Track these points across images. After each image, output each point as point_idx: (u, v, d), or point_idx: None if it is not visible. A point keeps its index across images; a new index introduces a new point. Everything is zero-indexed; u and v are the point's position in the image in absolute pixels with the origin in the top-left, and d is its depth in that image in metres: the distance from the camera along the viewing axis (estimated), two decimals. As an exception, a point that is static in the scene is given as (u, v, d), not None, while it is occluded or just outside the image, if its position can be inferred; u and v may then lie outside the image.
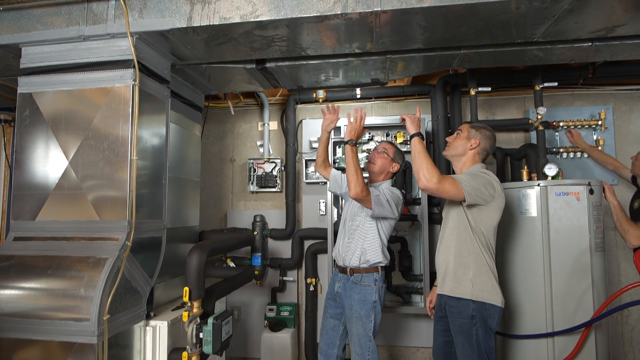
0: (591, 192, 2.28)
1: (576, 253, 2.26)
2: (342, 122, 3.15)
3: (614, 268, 2.93)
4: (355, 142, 2.19)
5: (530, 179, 2.46)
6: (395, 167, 2.40)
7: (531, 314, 2.31)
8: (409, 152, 3.18)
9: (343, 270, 2.32)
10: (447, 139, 2.10)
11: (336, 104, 3.41)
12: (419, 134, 1.99)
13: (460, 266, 1.90)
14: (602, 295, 2.27)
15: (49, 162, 1.94)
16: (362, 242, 2.26)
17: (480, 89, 2.80)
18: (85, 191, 1.89)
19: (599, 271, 2.28)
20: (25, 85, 1.99)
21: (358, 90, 3.25)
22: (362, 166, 2.43)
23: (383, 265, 2.28)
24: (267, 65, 2.34)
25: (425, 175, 1.81)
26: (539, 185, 2.32)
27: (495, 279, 1.88)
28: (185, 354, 1.89)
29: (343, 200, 2.59)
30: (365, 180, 2.46)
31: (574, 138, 2.90)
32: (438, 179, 1.79)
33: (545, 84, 2.71)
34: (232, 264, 3.17)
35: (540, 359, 2.26)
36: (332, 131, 2.50)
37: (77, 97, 1.95)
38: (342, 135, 3.13)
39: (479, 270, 1.86)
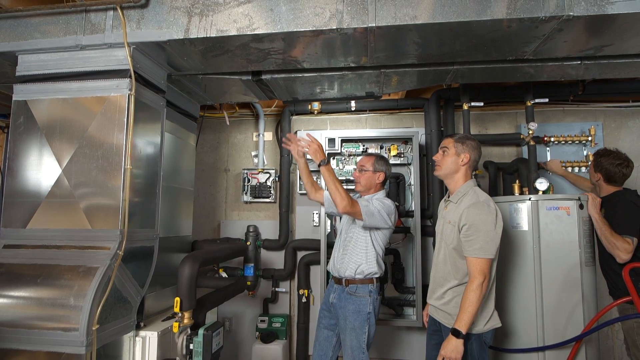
0: (581, 207, 2.30)
1: (566, 267, 2.27)
2: (335, 134, 3.19)
3: (604, 282, 2.95)
4: (326, 161, 2.18)
5: (521, 193, 2.49)
6: (381, 176, 2.38)
7: (522, 328, 2.32)
8: (402, 165, 3.23)
9: (338, 281, 2.32)
10: (434, 158, 2.06)
11: (333, 115, 3.47)
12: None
13: (460, 297, 1.83)
14: (592, 310, 2.29)
15: (42, 169, 1.93)
16: (357, 254, 2.27)
17: (473, 103, 2.85)
18: (78, 199, 1.88)
19: (589, 286, 2.30)
20: (20, 92, 2.00)
21: (353, 103, 3.29)
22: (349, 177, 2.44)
23: (377, 276, 2.28)
24: (263, 77, 2.37)
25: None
26: (530, 199, 2.34)
27: (494, 301, 1.87)
28: (174, 365, 1.87)
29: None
30: (358, 195, 2.47)
31: (548, 167, 2.97)
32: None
33: (537, 100, 2.76)
34: (224, 274, 3.15)
35: (532, 373, 2.26)
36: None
37: (73, 106, 1.95)
38: (335, 148, 3.16)
39: (481, 305, 1.81)
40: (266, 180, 3.42)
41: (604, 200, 2.37)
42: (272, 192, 3.41)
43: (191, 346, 1.88)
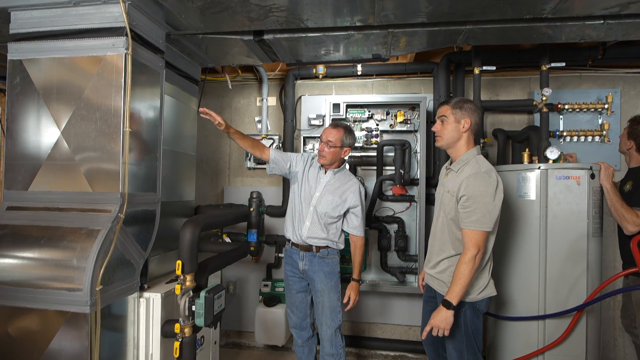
0: (592, 176, 2.24)
1: (573, 238, 2.24)
2: (340, 99, 3.10)
3: (610, 254, 2.92)
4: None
5: (531, 161, 2.42)
6: (347, 151, 2.34)
7: (524, 297, 2.32)
8: (409, 132, 3.15)
9: (307, 248, 2.35)
10: (433, 129, 1.95)
11: (338, 80, 3.36)
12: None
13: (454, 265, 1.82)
14: (596, 281, 2.27)
15: (41, 132, 1.90)
16: (332, 235, 2.33)
17: (484, 67, 2.72)
18: (78, 162, 1.86)
19: (594, 256, 2.27)
20: (15, 51, 1.93)
21: (359, 67, 3.17)
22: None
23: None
24: (265, 37, 2.27)
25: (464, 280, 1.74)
26: (539, 168, 2.28)
27: (490, 272, 1.86)
28: (177, 325, 1.90)
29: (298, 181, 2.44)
30: (320, 166, 2.41)
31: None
32: (472, 257, 1.72)
33: (553, 64, 2.62)
34: (228, 240, 3.17)
35: (531, 341, 2.28)
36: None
37: (68, 66, 1.89)
38: (340, 113, 3.08)
39: (476, 275, 1.80)
40: (270, 146, 3.37)
41: (632, 171, 2.30)
42: (276, 158, 3.36)
43: (193, 308, 1.91)
